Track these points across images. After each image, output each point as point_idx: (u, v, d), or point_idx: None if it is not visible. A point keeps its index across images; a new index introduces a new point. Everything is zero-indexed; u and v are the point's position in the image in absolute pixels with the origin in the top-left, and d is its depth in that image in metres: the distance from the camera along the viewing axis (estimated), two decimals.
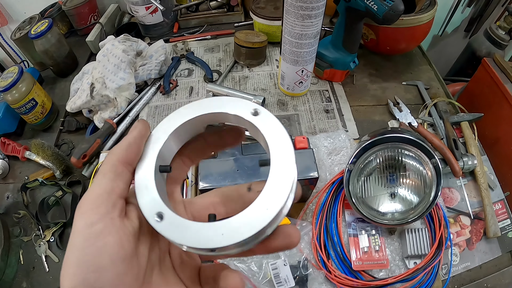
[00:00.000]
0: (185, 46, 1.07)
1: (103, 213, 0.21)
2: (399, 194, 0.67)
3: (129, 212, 0.23)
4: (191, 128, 0.26)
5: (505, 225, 0.75)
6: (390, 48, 0.97)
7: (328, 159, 0.77)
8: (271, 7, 1.03)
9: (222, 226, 0.20)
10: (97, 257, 0.19)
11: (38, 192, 0.81)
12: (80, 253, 0.20)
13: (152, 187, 0.22)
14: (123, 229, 0.21)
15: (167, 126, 0.24)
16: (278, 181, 0.21)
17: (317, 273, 0.65)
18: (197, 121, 0.25)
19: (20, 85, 0.82)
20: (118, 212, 0.21)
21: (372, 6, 0.72)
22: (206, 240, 0.20)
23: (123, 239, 0.21)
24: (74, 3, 1.12)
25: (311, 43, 0.76)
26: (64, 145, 0.89)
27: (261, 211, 0.20)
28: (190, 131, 0.26)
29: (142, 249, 0.23)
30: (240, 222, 0.20)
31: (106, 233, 0.20)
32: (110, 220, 0.21)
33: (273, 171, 0.21)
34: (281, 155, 0.22)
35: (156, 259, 0.24)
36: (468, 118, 0.85)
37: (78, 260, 0.19)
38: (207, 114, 0.24)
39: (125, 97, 0.88)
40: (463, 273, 0.69)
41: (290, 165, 0.22)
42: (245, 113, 0.24)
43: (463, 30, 1.54)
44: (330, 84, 0.97)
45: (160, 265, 0.24)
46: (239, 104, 0.24)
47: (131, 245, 0.21)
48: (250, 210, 0.21)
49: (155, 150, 0.24)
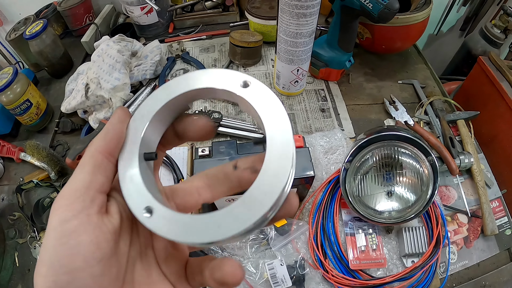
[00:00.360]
0: (180, 46, 1.06)
1: (79, 209, 0.19)
2: (396, 193, 0.67)
3: (110, 207, 0.21)
4: (174, 107, 0.23)
5: (503, 222, 0.75)
6: (386, 47, 0.97)
7: (324, 158, 0.77)
8: (266, 6, 1.03)
9: (218, 217, 0.18)
10: (70, 258, 0.18)
11: (33, 194, 0.80)
12: (52, 253, 0.18)
13: (137, 178, 0.20)
14: (101, 227, 0.19)
15: (150, 108, 0.22)
16: (277, 158, 0.19)
17: (314, 273, 0.64)
18: (180, 100, 0.23)
19: (14, 86, 0.81)
20: (96, 208, 0.20)
21: (367, 4, 0.72)
22: (203, 234, 0.18)
23: (100, 238, 0.19)
24: (69, 3, 1.12)
25: (306, 42, 0.76)
26: (59, 146, 0.89)
27: (261, 194, 0.18)
28: (174, 110, 0.24)
29: (122, 246, 0.21)
30: (239, 209, 0.18)
31: (80, 231, 0.18)
32: (86, 217, 0.19)
33: (270, 148, 0.19)
34: (277, 128, 0.20)
35: (136, 254, 0.22)
36: (464, 116, 0.85)
37: (50, 260, 0.18)
38: (191, 91, 0.22)
39: (120, 98, 0.87)
40: (461, 271, 0.69)
41: (288, 139, 0.19)
42: (234, 87, 0.21)
43: (459, 29, 1.55)
44: (326, 83, 0.97)
45: (142, 261, 0.22)
46: (226, 76, 0.22)
47: (110, 244, 0.19)
48: (249, 194, 0.19)
49: (138, 136, 0.21)
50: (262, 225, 0.19)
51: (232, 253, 0.65)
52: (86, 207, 0.19)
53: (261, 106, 0.20)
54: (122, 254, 0.21)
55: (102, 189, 0.20)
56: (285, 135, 0.20)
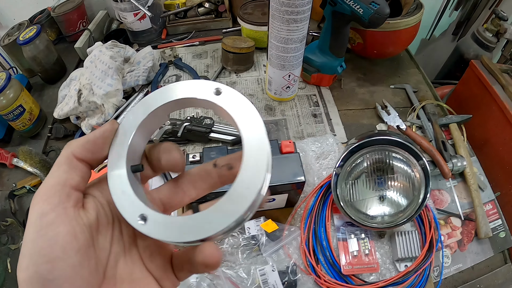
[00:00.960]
0: (173, 52, 1.07)
1: (56, 203, 0.20)
2: (387, 197, 0.67)
3: (86, 204, 0.22)
4: (155, 119, 0.25)
5: (497, 225, 0.75)
6: (378, 52, 0.98)
7: (316, 164, 0.77)
8: (258, 12, 1.04)
9: (207, 215, 0.20)
10: (49, 248, 0.19)
11: (25, 200, 0.80)
12: (32, 245, 0.19)
13: (128, 191, 0.22)
14: (77, 219, 0.20)
15: (132, 121, 0.24)
16: (252, 157, 0.21)
17: (306, 278, 0.64)
18: (160, 111, 0.24)
19: (7, 91, 0.81)
20: (72, 203, 0.21)
21: (358, 9, 0.72)
22: (197, 232, 0.20)
23: (76, 230, 0.20)
24: (63, 9, 1.12)
25: (297, 48, 0.76)
26: (52, 152, 0.88)
27: (243, 189, 0.20)
28: (155, 122, 0.25)
29: (101, 242, 0.22)
30: (226, 205, 0.20)
31: (58, 223, 0.19)
32: (62, 210, 0.20)
33: (247, 146, 0.21)
34: (251, 128, 0.21)
35: (120, 252, 0.23)
36: (456, 120, 0.85)
37: (30, 252, 0.19)
38: (168, 103, 0.24)
39: (113, 104, 0.87)
40: (455, 274, 0.69)
41: (262, 139, 0.21)
42: (207, 95, 0.23)
43: (451, 34, 1.56)
44: (318, 89, 0.97)
45: (126, 258, 0.23)
46: (199, 85, 0.23)
47: (85, 235, 0.20)
48: (232, 191, 0.20)
49: (124, 150, 0.23)
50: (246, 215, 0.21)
51: (224, 259, 0.64)
52: (62, 201, 0.20)
53: (234, 110, 0.22)
54: (101, 249, 0.22)
55: (78, 187, 0.22)
56: (259, 134, 0.21)
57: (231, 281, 0.62)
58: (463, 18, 1.46)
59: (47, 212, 0.20)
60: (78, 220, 0.20)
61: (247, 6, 1.06)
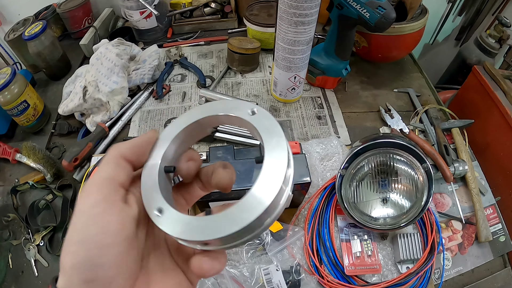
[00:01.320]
0: (179, 51, 1.07)
1: (106, 194, 0.22)
2: (391, 199, 0.67)
3: (129, 200, 0.24)
4: (194, 131, 0.27)
5: (497, 229, 0.75)
6: (382, 56, 0.99)
7: (320, 165, 0.77)
8: (264, 14, 1.04)
9: (216, 218, 0.21)
10: (100, 235, 0.20)
11: (28, 195, 0.80)
12: (83, 231, 0.20)
13: (155, 186, 0.24)
14: (125, 211, 0.22)
15: (172, 130, 0.26)
16: (271, 172, 0.22)
17: (309, 278, 0.64)
18: (198, 124, 0.27)
19: (12, 86, 0.81)
20: (119, 197, 0.22)
21: (365, 13, 0.73)
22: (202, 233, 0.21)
23: (125, 220, 0.22)
24: (69, 6, 1.12)
25: (304, 50, 0.77)
26: (55, 148, 0.88)
27: (254, 202, 0.21)
28: (195, 133, 0.28)
29: (140, 234, 0.24)
30: (235, 213, 0.21)
31: (109, 213, 0.21)
32: (112, 202, 0.22)
33: (267, 162, 0.22)
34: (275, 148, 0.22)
35: (151, 245, 0.25)
36: (459, 125, 0.86)
37: (81, 238, 0.20)
38: (208, 117, 0.26)
39: (118, 101, 0.87)
40: (456, 277, 0.69)
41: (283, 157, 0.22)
42: (244, 114, 0.25)
43: (454, 39, 1.57)
44: (322, 91, 0.98)
45: (156, 251, 0.25)
46: (238, 105, 0.25)
47: (132, 226, 0.22)
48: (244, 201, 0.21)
49: (160, 153, 0.26)
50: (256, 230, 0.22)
51: (228, 257, 0.65)
52: (112, 194, 0.22)
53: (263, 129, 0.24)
54: (140, 241, 0.24)
55: (123, 184, 0.23)
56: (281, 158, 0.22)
57: (234, 280, 0.62)
58: (467, 23, 1.47)
59: (99, 203, 0.21)
60: (127, 212, 0.22)
61: (253, 7, 1.07)
